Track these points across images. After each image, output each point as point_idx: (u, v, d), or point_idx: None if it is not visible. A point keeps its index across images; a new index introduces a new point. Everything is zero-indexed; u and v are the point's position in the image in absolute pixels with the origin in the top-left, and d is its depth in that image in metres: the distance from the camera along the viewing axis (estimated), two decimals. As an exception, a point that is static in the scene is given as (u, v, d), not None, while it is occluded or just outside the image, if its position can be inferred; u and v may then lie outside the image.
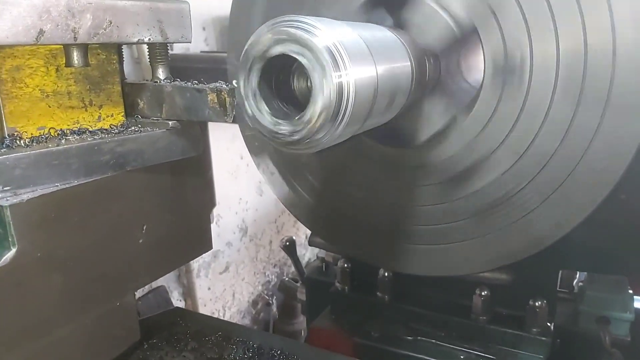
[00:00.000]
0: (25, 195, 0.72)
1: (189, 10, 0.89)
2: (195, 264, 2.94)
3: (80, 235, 0.78)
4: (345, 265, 1.65)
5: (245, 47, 0.79)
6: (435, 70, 1.13)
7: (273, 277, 3.56)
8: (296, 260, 2.13)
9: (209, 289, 3.08)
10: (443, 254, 1.29)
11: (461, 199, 1.19)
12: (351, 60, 0.75)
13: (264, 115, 0.80)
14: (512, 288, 1.45)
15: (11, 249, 0.70)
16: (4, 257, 0.69)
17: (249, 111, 0.80)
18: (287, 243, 2.08)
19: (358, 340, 1.54)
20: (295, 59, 0.74)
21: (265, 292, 3.45)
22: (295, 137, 0.80)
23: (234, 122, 0.88)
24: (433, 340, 1.49)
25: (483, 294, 1.45)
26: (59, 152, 0.76)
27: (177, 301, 2.90)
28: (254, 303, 3.39)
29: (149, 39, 0.84)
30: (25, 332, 0.73)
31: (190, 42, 0.90)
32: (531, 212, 1.13)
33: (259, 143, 1.41)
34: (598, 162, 1.03)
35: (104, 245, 0.82)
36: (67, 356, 0.80)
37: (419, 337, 1.50)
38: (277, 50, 0.75)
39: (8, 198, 0.71)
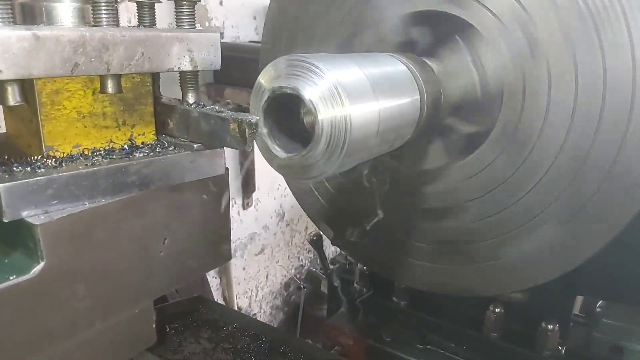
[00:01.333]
0: (55, 214, 0.79)
1: (219, 39, 0.93)
2: (232, 244, 3.05)
3: (104, 250, 0.85)
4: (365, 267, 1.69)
5: (258, 78, 0.85)
6: (446, 112, 1.14)
7: (307, 262, 3.64)
8: (322, 255, 2.18)
9: (244, 269, 3.19)
10: (428, 271, 1.34)
11: (439, 230, 1.26)
12: (350, 100, 0.80)
13: (269, 144, 0.87)
14: (526, 307, 1.46)
15: (40, 263, 0.77)
16: (33, 270, 0.76)
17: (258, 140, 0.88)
18: (314, 238, 2.13)
19: (370, 343, 1.59)
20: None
21: (298, 276, 3.54)
22: (295, 169, 0.87)
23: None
24: (442, 351, 1.52)
25: (496, 310, 1.46)
26: (89, 174, 0.82)
27: (213, 278, 3.03)
28: (286, 285, 3.50)
29: (179, 68, 0.89)
30: (51, 336, 0.81)
31: (219, 69, 0.94)
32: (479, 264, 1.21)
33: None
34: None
35: (127, 258, 0.89)
36: (89, 357, 0.88)
37: (429, 346, 1.54)
38: (283, 88, 0.82)
39: (40, 216, 0.78)
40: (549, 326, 1.39)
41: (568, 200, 1.05)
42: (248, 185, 2.99)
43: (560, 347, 1.41)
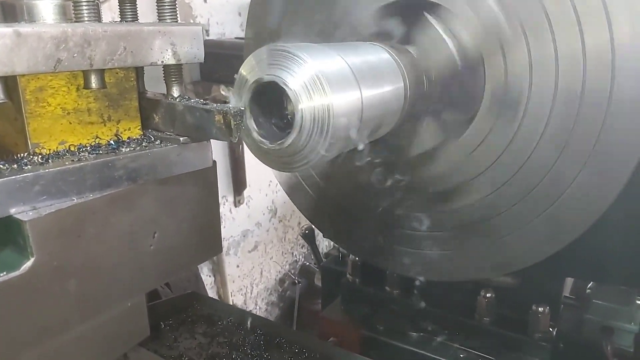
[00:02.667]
0: (44, 210, 0.79)
1: (202, 32, 0.93)
2: (225, 242, 3.05)
3: (94, 244, 0.86)
4: (357, 258, 1.70)
5: (240, 69, 0.85)
6: (433, 92, 1.15)
7: (301, 257, 3.66)
8: (314, 248, 2.20)
9: (238, 266, 3.20)
10: (423, 259, 1.36)
11: (444, 214, 1.26)
12: (332, 88, 0.81)
13: (253, 134, 0.87)
14: (517, 291, 1.48)
15: (30, 259, 0.77)
16: (23, 266, 0.77)
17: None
18: (306, 231, 2.15)
19: (364, 332, 1.61)
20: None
21: (292, 271, 3.55)
22: (281, 159, 0.87)
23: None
24: (435, 337, 1.53)
25: (487, 295, 1.48)
26: (76, 170, 0.82)
27: (207, 276, 3.03)
28: (281, 281, 3.51)
29: (162, 62, 0.89)
30: (43, 331, 0.82)
31: (202, 62, 0.94)
32: (503, 238, 1.20)
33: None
34: (576, 203, 1.08)
35: (117, 252, 0.90)
36: (83, 352, 0.89)
37: (422, 334, 1.55)
38: (265, 77, 0.83)
39: (28, 212, 0.78)
40: (540, 309, 1.41)
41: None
42: (239, 182, 2.99)
43: (551, 329, 1.43)
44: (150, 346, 1.37)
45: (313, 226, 1.80)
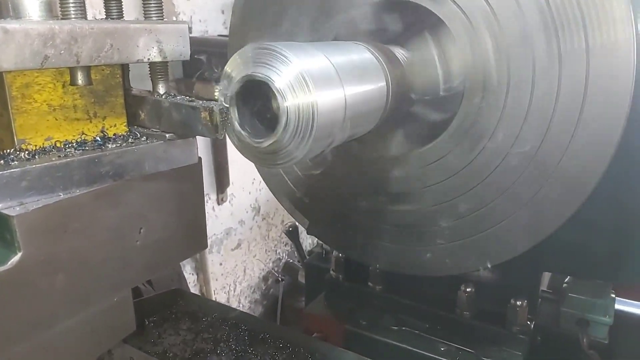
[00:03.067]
0: (30, 205, 0.80)
1: (187, 30, 0.94)
2: (209, 240, 3.06)
3: (81, 240, 0.86)
4: (340, 254, 1.73)
5: (225, 67, 0.87)
6: (410, 104, 1.19)
7: (284, 255, 3.67)
8: (298, 245, 2.22)
9: (221, 264, 3.20)
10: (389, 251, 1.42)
11: (396, 212, 1.34)
12: (317, 86, 0.83)
13: (239, 130, 0.89)
14: (496, 286, 1.52)
15: (17, 254, 0.78)
16: (10, 261, 0.77)
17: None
18: (290, 229, 2.17)
19: (348, 327, 1.63)
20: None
21: (276, 269, 3.57)
22: (266, 155, 0.89)
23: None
24: (417, 331, 1.56)
25: (467, 290, 1.51)
26: (62, 165, 0.83)
27: (190, 275, 3.03)
28: (264, 279, 3.52)
29: (148, 59, 0.91)
30: (31, 326, 0.82)
31: (188, 59, 0.96)
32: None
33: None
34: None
35: (103, 247, 0.90)
36: (70, 346, 0.89)
37: (404, 327, 1.58)
38: (251, 75, 0.84)
39: (15, 207, 0.79)
40: (518, 302, 1.45)
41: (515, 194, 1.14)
42: (222, 181, 3.00)
43: (529, 322, 1.47)
44: (134, 342, 1.37)
45: (297, 223, 1.82)
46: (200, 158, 1.04)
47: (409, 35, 1.22)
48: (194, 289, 3.03)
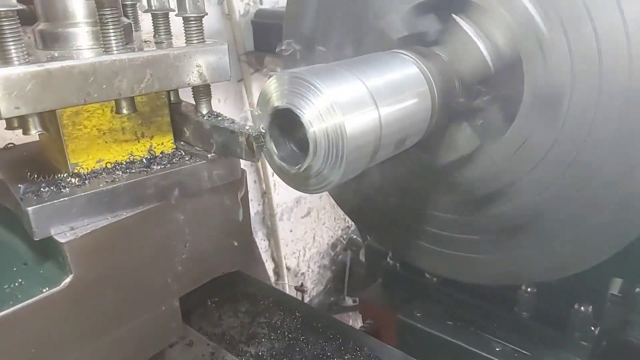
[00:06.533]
0: (80, 230, 0.86)
1: (227, 50, 0.94)
2: (279, 208, 3.14)
3: (128, 258, 0.92)
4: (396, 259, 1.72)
5: (263, 88, 0.87)
6: (467, 96, 1.11)
7: (352, 223, 3.70)
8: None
9: (291, 231, 3.29)
10: (459, 260, 1.35)
11: (481, 218, 1.23)
12: (346, 113, 0.82)
13: (274, 156, 0.90)
14: (559, 287, 1.45)
15: (69, 276, 0.85)
16: (63, 282, 0.84)
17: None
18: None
19: (401, 318, 1.64)
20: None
21: (345, 237, 3.61)
22: (301, 180, 0.89)
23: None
24: (472, 328, 1.54)
25: (528, 290, 1.46)
26: (109, 191, 0.88)
27: (261, 240, 3.14)
28: (333, 246, 3.58)
29: (189, 84, 0.92)
30: (83, 337, 0.90)
31: (229, 80, 0.96)
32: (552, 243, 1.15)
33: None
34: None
35: (150, 263, 0.96)
36: (122, 352, 0.97)
37: (458, 323, 1.56)
38: (283, 105, 0.85)
39: (66, 232, 0.85)
40: (582, 308, 1.39)
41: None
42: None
43: (593, 328, 1.41)
44: (195, 322, 1.46)
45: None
46: (244, 171, 1.05)
47: (443, 30, 1.15)
48: (265, 254, 3.14)
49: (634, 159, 0.99)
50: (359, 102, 0.85)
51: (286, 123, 0.89)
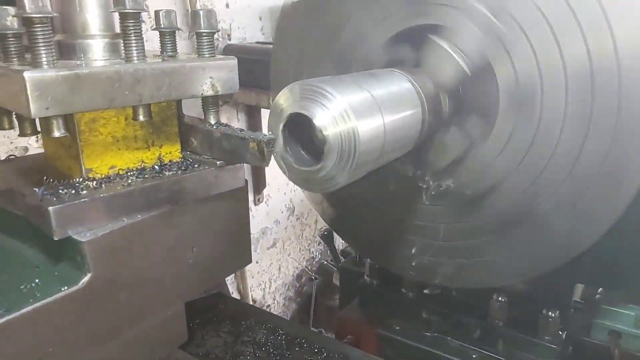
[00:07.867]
0: (99, 230, 0.88)
1: (237, 64, 1.02)
2: (245, 239, 3.16)
3: (142, 260, 0.95)
4: (380, 266, 1.79)
5: (276, 99, 0.95)
6: (451, 104, 1.22)
7: (317, 254, 3.75)
8: (332, 249, 2.29)
9: (257, 262, 3.29)
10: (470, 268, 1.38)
11: (477, 219, 1.28)
12: (358, 118, 0.91)
13: (287, 159, 0.98)
14: (528, 295, 1.55)
15: (87, 275, 0.87)
16: (82, 281, 0.86)
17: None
18: (325, 232, 2.24)
19: (381, 332, 1.69)
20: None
21: (309, 267, 3.65)
22: (312, 181, 0.97)
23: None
24: (449, 338, 1.61)
25: (500, 299, 1.56)
26: (126, 194, 0.92)
27: (227, 272, 3.12)
28: (298, 277, 3.60)
29: (202, 94, 0.98)
30: (96, 338, 0.91)
31: (237, 91, 1.03)
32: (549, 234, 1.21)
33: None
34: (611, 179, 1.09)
35: (160, 266, 0.99)
36: (130, 354, 0.99)
37: (436, 334, 1.63)
38: (298, 110, 0.93)
39: (86, 233, 0.88)
40: (550, 313, 1.49)
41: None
42: (259, 182, 3.08)
43: (560, 332, 1.51)
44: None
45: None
46: (246, 180, 1.11)
47: (421, 52, 1.27)
48: (231, 286, 3.13)
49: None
50: (367, 109, 0.94)
51: (295, 130, 0.96)
